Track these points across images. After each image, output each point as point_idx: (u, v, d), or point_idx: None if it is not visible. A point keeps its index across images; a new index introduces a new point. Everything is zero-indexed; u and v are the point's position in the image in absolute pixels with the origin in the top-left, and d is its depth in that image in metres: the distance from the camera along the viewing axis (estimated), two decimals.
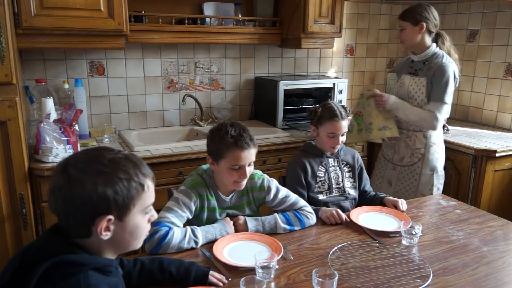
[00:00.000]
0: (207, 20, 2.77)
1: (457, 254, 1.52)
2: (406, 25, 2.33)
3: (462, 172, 2.65)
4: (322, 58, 3.41)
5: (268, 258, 1.37)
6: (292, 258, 1.47)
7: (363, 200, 2.05)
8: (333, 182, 2.00)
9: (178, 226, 1.54)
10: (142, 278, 1.28)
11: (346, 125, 1.97)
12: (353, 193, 2.04)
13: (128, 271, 1.26)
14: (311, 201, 1.93)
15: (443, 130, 2.88)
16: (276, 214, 1.70)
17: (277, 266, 1.37)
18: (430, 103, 2.33)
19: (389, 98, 2.38)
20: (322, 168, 2.00)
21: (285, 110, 2.93)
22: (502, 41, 3.06)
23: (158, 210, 1.16)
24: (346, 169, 2.05)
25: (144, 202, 1.00)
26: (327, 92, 3.08)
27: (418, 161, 2.42)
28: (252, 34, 2.84)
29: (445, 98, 2.30)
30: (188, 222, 1.63)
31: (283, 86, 2.86)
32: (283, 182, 2.05)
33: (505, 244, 1.61)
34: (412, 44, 2.36)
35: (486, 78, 3.20)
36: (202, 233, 1.54)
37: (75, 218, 0.94)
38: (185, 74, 2.95)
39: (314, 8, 2.77)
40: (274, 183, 1.75)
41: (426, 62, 2.36)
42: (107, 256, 1.01)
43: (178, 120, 3.00)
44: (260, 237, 1.57)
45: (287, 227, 1.67)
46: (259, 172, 1.77)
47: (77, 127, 2.43)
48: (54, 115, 2.18)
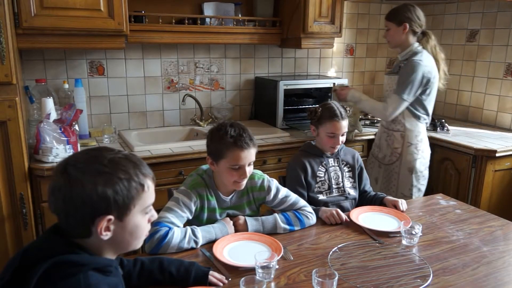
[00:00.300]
0: (207, 20, 2.77)
1: (457, 254, 1.52)
2: (390, 25, 2.40)
3: (462, 172, 2.65)
4: (322, 58, 3.41)
5: (268, 258, 1.37)
6: (292, 258, 1.47)
7: (363, 200, 2.05)
8: (333, 182, 2.00)
9: (178, 226, 1.54)
10: (142, 278, 1.28)
11: (346, 125, 1.98)
12: (353, 193, 2.04)
13: (128, 271, 1.26)
14: (311, 201, 1.93)
15: (443, 130, 2.89)
16: (276, 214, 1.70)
17: (277, 266, 1.37)
18: (390, 96, 2.39)
19: (349, 92, 2.55)
20: (322, 168, 2.00)
21: (285, 110, 2.93)
22: (502, 41, 3.06)
23: (158, 210, 1.16)
24: (346, 169, 2.05)
25: (144, 202, 1.00)
26: (327, 92, 3.08)
27: (396, 160, 2.48)
28: (252, 34, 2.84)
29: (403, 94, 2.33)
30: (188, 223, 1.63)
31: (283, 86, 2.86)
32: (283, 182, 2.05)
33: (505, 244, 1.61)
34: (396, 43, 2.43)
35: (486, 78, 3.20)
36: (202, 233, 1.54)
37: (75, 218, 0.94)
38: (185, 74, 2.95)
39: (314, 8, 2.77)
40: (274, 183, 1.75)
41: (406, 61, 2.40)
42: (107, 256, 1.01)
43: (178, 120, 3.00)
44: (260, 237, 1.57)
45: (287, 227, 1.67)
46: (259, 172, 1.77)
47: (77, 127, 2.43)
48: (54, 115, 2.18)
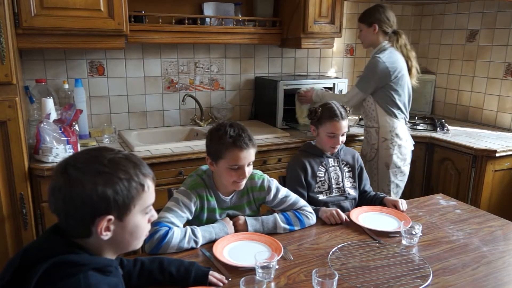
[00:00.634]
0: (207, 20, 2.77)
1: (457, 254, 1.52)
2: (362, 26, 2.55)
3: (462, 172, 2.65)
4: (322, 58, 3.41)
5: (268, 258, 1.37)
6: (292, 258, 1.47)
7: (363, 200, 2.05)
8: (333, 182, 2.00)
9: (178, 227, 1.54)
10: (142, 278, 1.28)
11: (346, 125, 1.98)
12: (353, 193, 2.04)
13: (128, 271, 1.26)
14: (311, 201, 1.93)
15: (443, 130, 2.89)
16: (276, 214, 1.70)
17: (277, 266, 1.37)
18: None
19: (312, 93, 2.75)
20: (322, 168, 2.00)
21: (285, 110, 2.92)
22: (502, 41, 3.06)
23: (158, 210, 1.16)
24: (346, 169, 2.05)
25: (144, 202, 1.00)
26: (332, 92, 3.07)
27: (374, 156, 2.55)
28: (252, 34, 2.84)
29: (358, 86, 2.53)
30: (188, 223, 1.63)
31: (283, 86, 2.86)
32: (283, 182, 2.05)
33: (505, 244, 1.61)
34: (368, 43, 2.58)
35: (486, 78, 3.20)
36: (202, 232, 1.54)
37: (75, 218, 0.94)
38: (185, 74, 2.95)
39: (314, 8, 2.77)
40: (274, 183, 1.75)
41: None
42: (107, 256, 1.01)
43: (178, 120, 3.00)
44: (260, 237, 1.57)
45: (287, 227, 1.67)
46: (259, 172, 1.77)
47: (77, 127, 2.43)
48: (54, 115, 2.18)
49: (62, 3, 2.12)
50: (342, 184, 2.02)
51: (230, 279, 1.33)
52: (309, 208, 1.75)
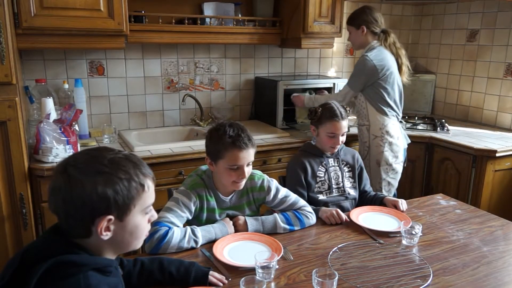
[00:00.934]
0: (207, 20, 2.77)
1: (457, 254, 1.52)
2: (351, 29, 2.60)
3: (462, 172, 2.65)
4: (322, 58, 3.41)
5: (268, 258, 1.37)
6: (292, 258, 1.47)
7: (363, 200, 2.05)
8: (333, 182, 2.00)
9: (178, 226, 1.54)
10: (142, 278, 1.28)
11: (346, 125, 1.98)
12: (353, 193, 2.04)
13: (128, 271, 1.26)
14: (311, 201, 1.93)
15: (443, 130, 2.89)
16: (276, 214, 1.70)
17: (277, 266, 1.37)
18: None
19: (304, 99, 2.76)
20: (322, 168, 2.00)
21: (285, 110, 2.92)
22: (502, 41, 3.06)
23: (158, 210, 1.16)
24: (346, 169, 2.05)
25: (144, 202, 1.00)
26: (327, 92, 3.07)
27: (366, 154, 2.56)
28: (252, 34, 2.84)
29: (348, 84, 2.57)
30: (187, 223, 1.63)
31: (283, 86, 2.86)
32: (283, 182, 2.05)
33: (505, 244, 1.61)
34: (359, 45, 2.63)
35: (486, 78, 3.20)
36: (202, 232, 1.54)
37: (75, 218, 0.94)
38: (185, 74, 2.95)
39: (314, 8, 2.77)
40: (274, 183, 1.75)
41: None
42: (107, 256, 1.01)
43: (178, 120, 3.00)
44: (260, 237, 1.57)
45: (287, 227, 1.66)
46: (259, 172, 1.77)
47: (77, 127, 2.43)
48: (54, 115, 2.18)
49: (62, 3, 2.12)
50: (342, 184, 2.02)
51: (230, 279, 1.33)
52: (309, 208, 1.75)
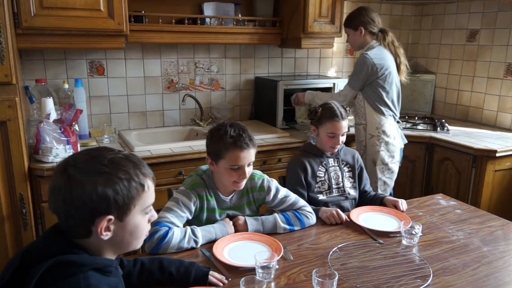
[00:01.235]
0: (207, 20, 2.77)
1: (457, 254, 1.52)
2: (349, 31, 2.60)
3: (462, 172, 2.65)
4: (322, 58, 3.41)
5: (268, 258, 1.37)
6: (292, 258, 1.47)
7: (363, 200, 2.05)
8: (333, 182, 2.00)
9: (178, 226, 1.54)
10: (142, 278, 1.28)
11: (346, 125, 1.98)
12: (353, 193, 2.04)
13: (128, 271, 1.26)
14: (311, 201, 1.93)
15: (443, 130, 2.89)
16: (276, 214, 1.70)
17: (277, 266, 1.37)
18: None
19: (304, 96, 2.77)
20: (322, 168, 2.00)
21: (285, 110, 2.92)
22: (502, 41, 3.06)
23: (158, 210, 1.16)
24: (346, 169, 2.05)
25: (144, 202, 1.00)
26: (327, 92, 3.07)
27: (363, 153, 2.56)
28: (252, 34, 2.84)
29: (349, 82, 2.57)
30: (187, 223, 1.63)
31: (283, 86, 2.86)
32: (283, 182, 2.05)
33: (505, 244, 1.61)
34: (358, 46, 2.63)
35: (486, 78, 3.20)
36: (202, 232, 1.54)
37: (75, 218, 0.94)
38: (185, 74, 2.95)
39: (314, 8, 2.77)
40: (274, 183, 1.75)
41: None
42: (107, 256, 1.01)
43: (178, 120, 3.00)
44: (260, 237, 1.57)
45: (287, 227, 1.66)
46: (259, 172, 1.77)
47: (77, 127, 2.43)
48: (54, 115, 2.18)
49: (62, 3, 2.12)
50: (342, 184, 2.02)
51: (230, 279, 1.33)
52: (309, 208, 1.75)
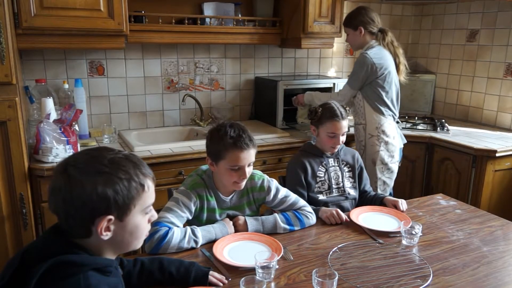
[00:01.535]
0: (207, 20, 2.77)
1: (457, 254, 1.52)
2: (348, 31, 2.60)
3: (462, 172, 2.65)
4: (322, 58, 3.41)
5: (268, 258, 1.37)
6: (292, 258, 1.47)
7: (363, 200, 2.05)
8: (333, 182, 2.00)
9: (178, 227, 1.54)
10: (142, 278, 1.28)
11: (346, 125, 1.98)
12: (353, 193, 2.04)
13: (128, 271, 1.26)
14: (311, 201, 1.93)
15: (443, 130, 2.89)
16: (276, 214, 1.70)
17: (277, 266, 1.37)
18: None
19: (304, 96, 2.78)
20: (322, 168, 2.00)
21: (285, 110, 2.93)
22: (502, 41, 3.06)
23: (158, 210, 1.16)
24: (346, 169, 2.05)
25: (144, 202, 1.00)
26: (327, 92, 3.07)
27: (362, 153, 2.56)
28: (252, 34, 2.84)
29: (349, 82, 2.57)
30: (188, 223, 1.63)
31: (283, 86, 2.86)
32: (283, 182, 2.05)
33: (505, 244, 1.61)
34: (357, 46, 2.63)
35: (486, 78, 3.20)
36: (202, 232, 1.54)
37: (75, 218, 0.94)
38: (185, 74, 2.95)
39: (314, 8, 2.77)
40: (274, 183, 1.75)
41: None
42: (107, 256, 1.01)
43: (178, 120, 3.00)
44: (260, 237, 1.57)
45: (287, 227, 1.66)
46: (259, 172, 1.77)
47: (77, 127, 2.43)
48: (54, 115, 2.18)
49: (62, 3, 2.12)
50: (342, 184, 2.02)
51: (230, 279, 1.33)
52: (309, 208, 1.75)
